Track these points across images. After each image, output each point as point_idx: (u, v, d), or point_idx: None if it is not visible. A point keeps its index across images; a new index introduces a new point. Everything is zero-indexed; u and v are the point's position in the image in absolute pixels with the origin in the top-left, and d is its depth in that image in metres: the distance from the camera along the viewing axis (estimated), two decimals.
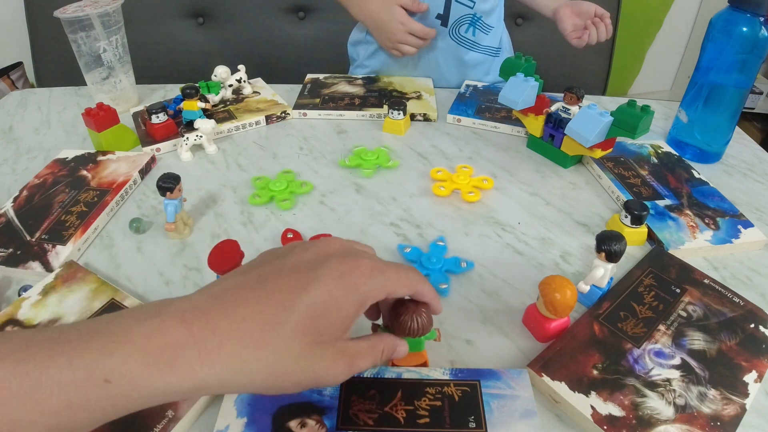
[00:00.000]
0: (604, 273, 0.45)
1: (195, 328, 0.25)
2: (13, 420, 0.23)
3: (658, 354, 0.41)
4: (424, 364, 0.41)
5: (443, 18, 0.90)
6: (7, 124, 0.80)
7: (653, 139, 0.73)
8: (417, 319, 0.34)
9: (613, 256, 0.44)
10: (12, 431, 0.23)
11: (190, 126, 0.71)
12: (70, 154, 0.68)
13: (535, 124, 0.68)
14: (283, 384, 0.27)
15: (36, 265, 0.50)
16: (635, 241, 0.54)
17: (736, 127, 0.71)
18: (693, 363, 0.40)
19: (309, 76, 0.91)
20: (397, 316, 0.34)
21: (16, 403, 0.23)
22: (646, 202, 0.54)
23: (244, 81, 0.84)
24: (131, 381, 0.24)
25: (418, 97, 0.83)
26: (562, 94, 0.65)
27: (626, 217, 0.53)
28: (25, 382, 0.23)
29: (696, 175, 0.64)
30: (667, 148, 0.70)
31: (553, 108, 0.67)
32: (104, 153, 0.68)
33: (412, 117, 0.79)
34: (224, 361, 0.25)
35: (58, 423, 0.24)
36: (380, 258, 0.33)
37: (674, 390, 0.38)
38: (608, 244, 0.44)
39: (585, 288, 0.46)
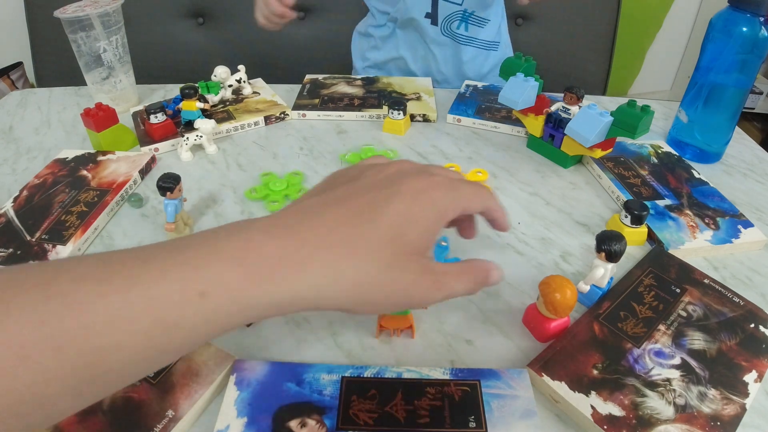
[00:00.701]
0: (604, 273, 0.45)
1: (283, 241, 0.25)
2: (99, 346, 0.22)
3: (658, 354, 0.41)
4: (410, 328, 0.43)
5: (432, 16, 0.91)
6: (7, 124, 0.80)
7: (653, 139, 0.73)
8: None
9: (613, 256, 0.44)
10: (98, 358, 0.22)
11: (188, 126, 0.71)
12: (70, 154, 0.68)
13: (535, 124, 0.68)
14: (376, 296, 0.27)
15: None
16: (635, 241, 0.54)
17: (736, 127, 0.71)
18: (693, 363, 0.40)
19: (308, 77, 0.91)
20: None
21: (102, 325, 0.22)
22: (646, 202, 0.54)
23: (244, 81, 0.84)
24: (229, 292, 0.23)
25: (418, 98, 0.83)
26: (562, 94, 0.65)
27: (626, 217, 0.53)
28: (111, 300, 0.22)
29: (696, 175, 0.64)
30: (667, 148, 0.70)
31: (553, 108, 0.67)
32: (104, 153, 0.68)
33: (412, 118, 0.79)
34: (316, 271, 0.25)
35: (147, 345, 0.23)
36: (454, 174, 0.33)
37: (674, 390, 0.38)
38: (608, 244, 0.44)
39: (585, 288, 0.46)
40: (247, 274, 0.24)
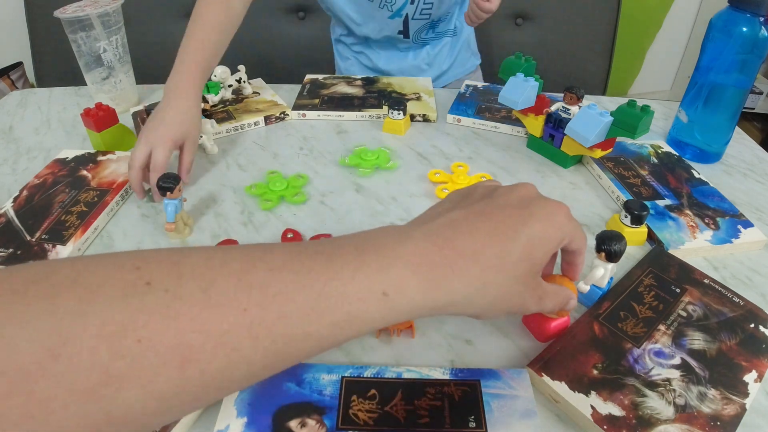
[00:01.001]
0: (604, 273, 0.45)
1: (446, 252, 0.28)
2: (291, 334, 0.24)
3: (658, 354, 0.41)
4: (410, 328, 0.43)
5: (404, 32, 0.98)
6: (7, 124, 0.80)
7: (653, 139, 0.73)
8: None
9: (613, 256, 0.44)
10: (286, 347, 0.24)
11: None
12: (70, 154, 0.68)
13: (535, 124, 0.68)
14: (504, 306, 0.31)
15: None
16: (635, 241, 0.54)
17: (736, 127, 0.71)
18: (693, 363, 0.40)
19: (308, 77, 0.91)
20: None
21: (298, 315, 0.24)
22: (646, 202, 0.54)
23: (244, 81, 0.84)
24: (405, 295, 0.26)
25: (418, 98, 0.83)
26: (562, 94, 0.65)
27: (626, 217, 0.53)
28: (309, 293, 0.24)
29: (696, 175, 0.64)
30: (667, 148, 0.70)
31: (553, 108, 0.67)
32: (104, 153, 0.68)
33: (412, 118, 0.79)
34: (470, 281, 0.28)
35: (331, 334, 0.25)
36: None
37: (674, 390, 0.38)
38: (608, 244, 0.43)
39: (585, 288, 0.46)
40: (419, 280, 0.27)
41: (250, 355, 0.23)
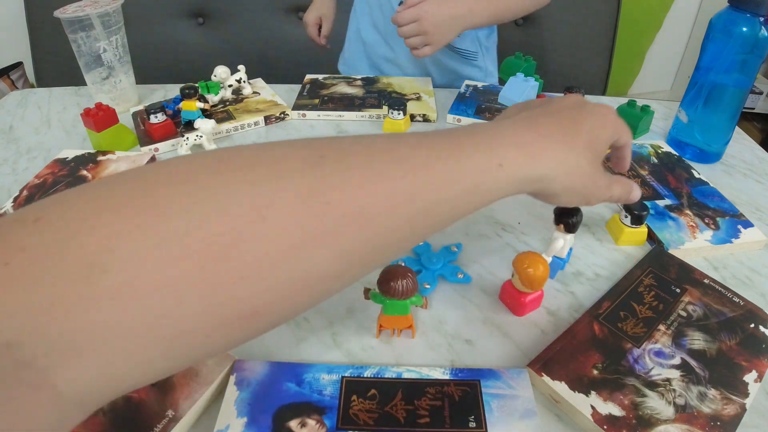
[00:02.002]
0: (563, 244, 0.48)
1: (534, 134, 0.34)
2: (434, 199, 0.28)
3: (658, 354, 0.41)
4: (410, 328, 0.43)
5: None
6: (7, 124, 0.80)
7: (653, 139, 0.73)
8: (402, 282, 0.39)
9: (571, 227, 0.47)
10: (432, 208, 0.28)
11: (188, 126, 0.71)
12: (70, 154, 0.68)
13: None
14: (582, 186, 0.36)
15: None
16: (635, 240, 0.54)
17: (736, 127, 0.71)
18: (693, 363, 0.40)
19: (308, 77, 0.91)
20: (386, 280, 0.39)
21: (439, 182, 0.28)
22: (646, 202, 0.54)
23: (244, 81, 0.84)
24: (514, 166, 0.31)
25: (418, 98, 0.83)
26: (562, 94, 0.65)
27: (626, 217, 0.53)
28: (446, 164, 0.28)
29: (696, 175, 0.64)
30: (667, 148, 0.70)
31: None
32: (104, 153, 0.68)
33: (412, 118, 0.79)
34: (555, 156, 0.34)
35: (462, 201, 0.29)
36: None
37: (674, 390, 0.38)
38: (566, 217, 0.47)
39: (547, 260, 0.47)
40: (523, 155, 0.32)
41: (412, 216, 0.27)
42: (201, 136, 0.69)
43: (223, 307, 0.22)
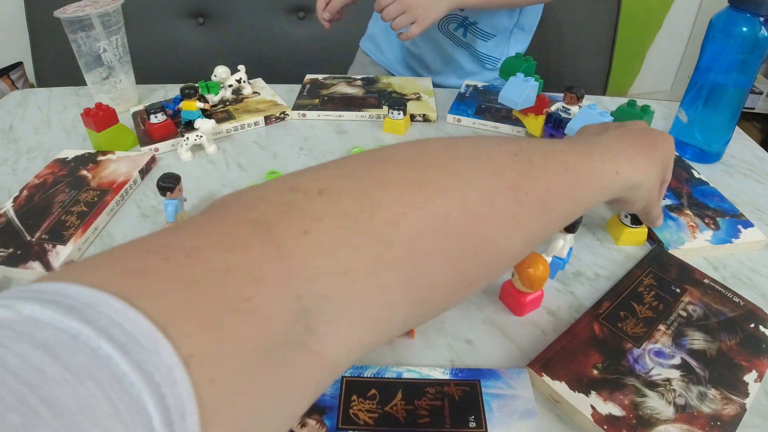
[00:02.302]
0: (563, 243, 0.48)
1: (629, 151, 0.39)
2: (574, 199, 0.33)
3: (658, 354, 0.41)
4: (410, 333, 0.44)
5: None
6: (7, 124, 0.80)
7: None
8: None
9: (571, 227, 0.48)
10: (568, 209, 0.33)
11: (188, 126, 0.71)
12: (70, 154, 0.68)
13: (535, 124, 0.68)
14: (651, 196, 0.42)
15: (36, 265, 0.50)
16: (635, 240, 0.54)
17: (736, 127, 0.71)
18: (693, 363, 0.40)
19: (308, 77, 0.91)
20: None
21: (585, 181, 0.33)
22: None
23: (244, 81, 0.84)
24: (626, 174, 0.37)
25: (418, 98, 0.83)
26: (562, 94, 0.65)
27: (626, 216, 0.53)
28: (586, 168, 0.34)
29: (696, 175, 0.64)
30: None
31: (553, 108, 0.67)
32: (104, 153, 0.68)
33: (412, 118, 0.79)
34: (646, 170, 0.39)
35: (592, 199, 0.35)
36: None
37: (674, 390, 0.38)
38: None
39: (547, 260, 0.47)
40: (630, 166, 0.38)
41: (567, 207, 0.32)
42: (201, 136, 0.69)
43: (457, 277, 0.25)
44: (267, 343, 0.18)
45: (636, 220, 0.53)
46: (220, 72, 0.82)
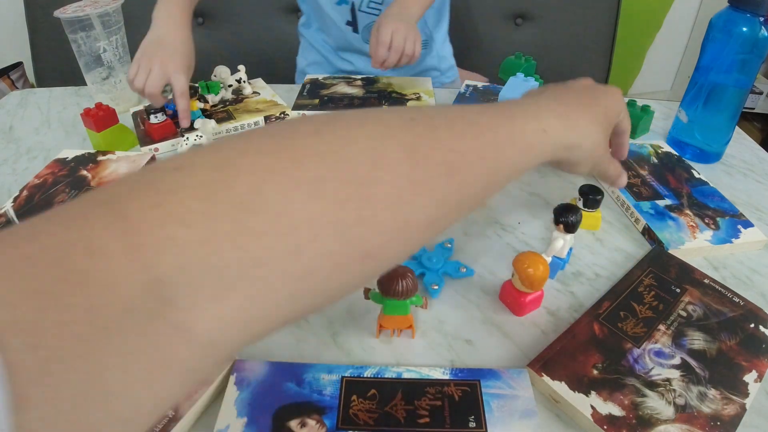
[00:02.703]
0: (563, 244, 0.48)
1: (566, 108, 0.38)
2: (498, 157, 0.31)
3: (658, 354, 0.41)
4: (410, 328, 0.43)
5: (353, 24, 0.95)
6: (7, 124, 0.80)
7: (653, 139, 0.73)
8: (402, 282, 0.39)
9: (570, 227, 0.47)
10: (497, 166, 0.31)
11: (188, 126, 0.71)
12: (70, 154, 0.68)
13: None
14: (597, 155, 0.41)
15: None
16: (590, 225, 0.55)
17: (736, 127, 0.71)
18: (693, 363, 0.40)
19: (308, 77, 0.91)
20: (386, 280, 0.39)
21: (502, 142, 0.32)
22: (645, 202, 0.54)
23: (244, 81, 0.84)
24: (555, 132, 0.35)
25: (418, 98, 0.83)
26: None
27: (579, 200, 0.55)
28: (504, 128, 0.32)
29: (696, 175, 0.64)
30: (667, 148, 0.70)
31: None
32: (104, 153, 0.68)
33: None
34: (584, 127, 0.38)
35: (515, 162, 0.33)
36: None
37: (674, 390, 0.38)
38: (565, 216, 0.47)
39: (547, 260, 0.47)
40: (561, 124, 0.36)
41: (485, 171, 0.30)
42: (201, 136, 0.69)
43: (345, 246, 0.24)
44: (108, 312, 0.18)
45: (590, 204, 0.53)
46: (220, 72, 0.82)
